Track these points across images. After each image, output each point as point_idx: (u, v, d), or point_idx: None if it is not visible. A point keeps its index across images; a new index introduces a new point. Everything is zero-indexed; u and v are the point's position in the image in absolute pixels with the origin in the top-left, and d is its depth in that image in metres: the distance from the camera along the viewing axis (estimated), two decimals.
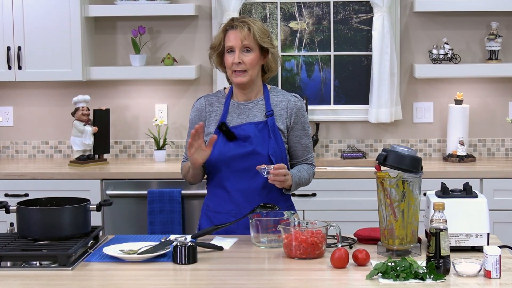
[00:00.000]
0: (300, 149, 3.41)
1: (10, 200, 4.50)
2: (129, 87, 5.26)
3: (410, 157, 2.95)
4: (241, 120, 3.35)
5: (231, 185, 3.33)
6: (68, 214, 3.06)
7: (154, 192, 4.64)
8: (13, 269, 2.87)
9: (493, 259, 2.65)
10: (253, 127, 3.33)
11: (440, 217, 2.73)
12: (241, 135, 3.32)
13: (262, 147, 3.30)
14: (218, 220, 3.34)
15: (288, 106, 3.37)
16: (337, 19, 5.24)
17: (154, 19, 5.18)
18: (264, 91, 3.41)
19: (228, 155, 3.31)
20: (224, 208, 3.35)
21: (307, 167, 3.43)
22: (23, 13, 4.92)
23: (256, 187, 3.31)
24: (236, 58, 3.28)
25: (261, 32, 3.31)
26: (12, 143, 5.31)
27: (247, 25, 3.29)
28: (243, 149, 3.30)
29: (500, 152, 5.19)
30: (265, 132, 3.33)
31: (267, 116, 3.34)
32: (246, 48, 3.29)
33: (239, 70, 3.30)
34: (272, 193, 3.34)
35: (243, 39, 3.28)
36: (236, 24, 3.31)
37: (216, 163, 3.33)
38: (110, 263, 2.91)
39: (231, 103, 3.39)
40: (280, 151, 3.33)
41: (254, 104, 3.38)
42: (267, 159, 3.29)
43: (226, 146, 3.32)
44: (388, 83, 5.04)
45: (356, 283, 2.66)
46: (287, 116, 3.36)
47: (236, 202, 3.33)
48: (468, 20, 5.12)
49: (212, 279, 2.74)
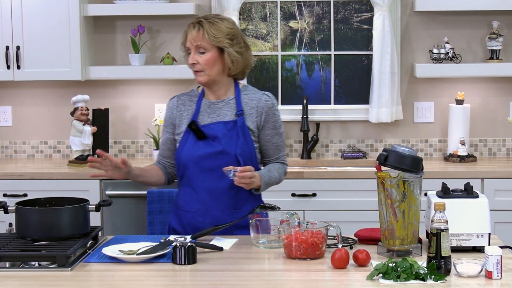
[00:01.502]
0: (271, 148, 3.42)
1: (8, 200, 4.49)
2: (129, 87, 5.25)
3: (411, 157, 2.94)
4: (212, 119, 3.37)
5: (198, 184, 3.34)
6: (67, 214, 3.06)
7: (154, 192, 4.62)
8: (11, 270, 2.86)
9: (494, 260, 2.65)
10: (222, 126, 3.34)
11: (441, 218, 2.73)
12: (210, 134, 3.33)
13: (230, 147, 3.32)
14: (186, 218, 3.37)
15: (258, 105, 3.38)
16: (338, 18, 5.23)
17: (153, 19, 5.18)
18: (236, 90, 3.41)
19: (197, 154, 3.32)
20: (192, 207, 3.37)
21: (278, 166, 3.44)
22: (22, 12, 4.91)
23: (224, 187, 3.32)
24: (190, 59, 3.32)
25: (216, 31, 3.28)
26: (10, 143, 5.30)
27: (199, 25, 3.29)
28: (212, 149, 3.32)
29: (501, 152, 5.18)
30: (234, 131, 3.34)
31: (237, 116, 3.35)
32: (200, 48, 3.30)
33: (196, 70, 3.32)
34: (241, 193, 3.35)
35: (195, 40, 3.29)
36: (193, 24, 3.32)
37: (185, 162, 3.35)
38: (109, 264, 2.90)
39: (203, 102, 3.41)
40: (249, 151, 3.34)
41: (224, 103, 3.39)
42: (235, 159, 3.31)
43: (195, 145, 3.34)
44: (388, 82, 5.03)
45: (357, 283, 2.65)
46: (258, 115, 3.37)
47: (203, 201, 3.34)
48: (469, 19, 5.11)
49: (211, 280, 2.73)
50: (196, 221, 3.34)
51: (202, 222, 3.32)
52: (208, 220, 3.32)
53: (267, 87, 5.26)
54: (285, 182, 4.67)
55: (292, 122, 5.22)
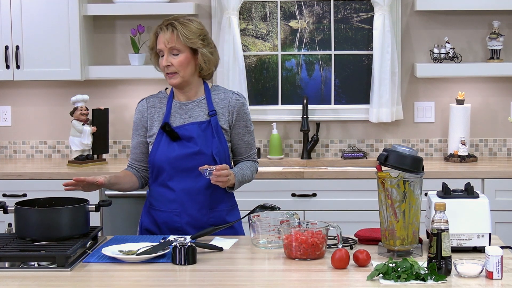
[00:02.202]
0: (242, 146, 3.44)
1: (8, 201, 4.48)
2: (128, 87, 5.25)
3: (411, 157, 2.94)
4: (184, 120, 3.37)
5: (175, 184, 3.34)
6: (67, 214, 3.05)
7: None
8: (11, 270, 2.86)
9: (495, 260, 2.64)
10: (196, 127, 3.34)
11: (441, 218, 2.73)
12: (184, 135, 3.33)
13: (206, 147, 3.32)
14: (161, 218, 3.37)
15: (229, 104, 3.39)
16: (338, 18, 5.22)
17: (153, 18, 5.17)
18: (205, 90, 3.42)
19: (172, 156, 3.32)
20: (168, 207, 3.36)
21: (250, 164, 3.46)
22: (21, 12, 4.90)
23: (201, 186, 3.32)
24: (164, 61, 3.30)
25: (189, 33, 3.28)
26: (10, 143, 5.30)
27: (172, 27, 3.28)
28: (188, 150, 3.32)
29: (502, 152, 5.17)
30: (209, 131, 3.34)
31: (209, 116, 3.36)
32: (174, 50, 3.29)
33: (170, 72, 3.31)
34: (217, 192, 3.36)
35: (168, 42, 3.28)
36: (164, 26, 3.30)
37: (160, 164, 3.34)
38: (109, 264, 2.90)
39: (173, 104, 3.40)
40: (223, 150, 3.35)
41: (196, 104, 3.39)
42: (211, 158, 3.32)
43: (170, 146, 3.33)
44: (389, 82, 5.02)
45: (357, 284, 2.65)
46: (229, 114, 3.38)
47: (181, 201, 3.34)
48: (469, 19, 5.10)
49: (211, 280, 2.72)
50: (172, 221, 3.35)
51: (178, 222, 3.34)
52: (184, 220, 3.33)
53: (267, 87, 5.26)
54: (285, 182, 4.70)
55: (292, 122, 5.21)
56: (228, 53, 5.00)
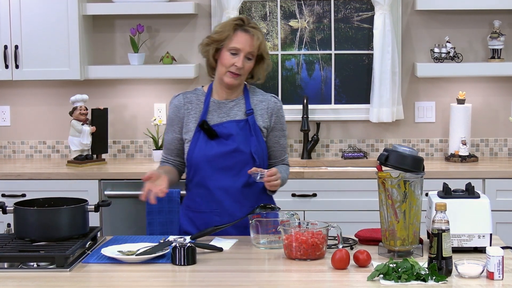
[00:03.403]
0: (278, 149, 3.45)
1: (7, 201, 4.44)
2: (128, 86, 5.24)
3: (412, 157, 2.94)
4: (222, 119, 3.37)
5: (213, 183, 3.33)
6: (66, 214, 3.05)
7: None
8: (10, 270, 2.86)
9: (496, 260, 2.64)
10: (234, 125, 3.35)
11: (442, 218, 2.73)
12: (223, 133, 3.33)
13: (245, 145, 3.33)
14: (200, 220, 3.35)
15: (268, 106, 3.41)
16: (338, 17, 5.21)
17: (153, 18, 5.16)
18: (244, 91, 3.43)
19: (211, 154, 3.31)
20: (208, 208, 3.35)
21: (285, 167, 3.49)
22: (20, 11, 4.89)
23: (240, 185, 3.32)
24: (240, 63, 3.29)
25: (265, 42, 3.35)
26: (9, 143, 5.29)
27: (259, 33, 3.32)
28: (226, 147, 3.32)
29: (502, 152, 5.17)
30: (246, 130, 3.35)
31: (247, 115, 3.37)
32: (250, 55, 3.31)
33: (235, 73, 3.30)
34: (255, 191, 3.36)
35: (253, 47, 3.30)
36: (248, 29, 3.31)
37: (198, 162, 3.33)
38: (109, 264, 2.90)
39: (211, 101, 3.38)
40: (261, 149, 3.36)
41: (234, 103, 3.40)
42: (250, 157, 3.32)
43: (208, 144, 3.33)
44: (389, 82, 5.01)
45: (357, 284, 2.65)
46: (268, 116, 3.40)
47: (219, 200, 3.33)
48: (470, 19, 5.10)
49: (211, 281, 2.72)
50: (214, 221, 3.31)
51: (219, 222, 3.30)
52: (225, 219, 3.30)
53: (267, 86, 5.24)
54: None
55: (292, 122, 5.20)
56: None
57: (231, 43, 3.30)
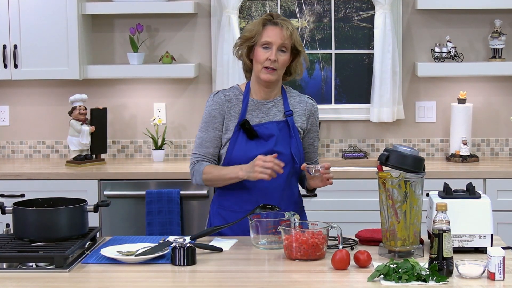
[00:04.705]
0: (313, 150, 3.46)
1: (6, 201, 4.43)
2: (127, 86, 5.23)
3: (413, 157, 2.94)
4: (261, 119, 3.34)
5: (252, 184, 3.29)
6: (65, 215, 3.04)
7: (152, 193, 4.61)
8: (9, 271, 2.85)
9: (497, 261, 2.64)
10: (275, 126, 3.33)
11: (443, 218, 2.73)
12: (264, 134, 3.31)
13: (284, 146, 3.31)
14: (234, 219, 3.29)
15: (306, 108, 3.40)
16: (338, 16, 5.21)
17: (152, 17, 5.15)
18: (282, 91, 3.40)
19: (251, 154, 3.27)
20: (242, 208, 3.31)
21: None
22: (19, 10, 4.88)
23: (277, 186, 3.31)
24: (273, 56, 3.25)
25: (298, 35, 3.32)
26: (8, 142, 5.28)
27: (289, 24, 3.29)
28: (267, 148, 3.30)
29: (504, 152, 5.16)
30: (286, 131, 3.34)
31: (286, 116, 3.35)
32: (283, 47, 3.28)
33: (271, 68, 3.27)
34: (289, 193, 3.36)
35: (284, 38, 3.26)
36: (277, 21, 3.29)
37: (237, 162, 3.29)
38: (108, 265, 2.89)
39: (249, 101, 3.36)
40: (299, 151, 3.36)
41: (273, 103, 3.37)
42: (290, 158, 3.31)
43: (248, 144, 3.30)
44: (390, 81, 5.00)
45: (358, 285, 2.64)
46: (305, 117, 3.39)
47: (256, 201, 3.29)
48: (471, 18, 5.09)
49: (211, 281, 2.72)
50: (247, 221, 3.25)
51: None
52: None
53: None
54: None
55: None
56: (228, 52, 4.97)
57: (262, 37, 3.27)
